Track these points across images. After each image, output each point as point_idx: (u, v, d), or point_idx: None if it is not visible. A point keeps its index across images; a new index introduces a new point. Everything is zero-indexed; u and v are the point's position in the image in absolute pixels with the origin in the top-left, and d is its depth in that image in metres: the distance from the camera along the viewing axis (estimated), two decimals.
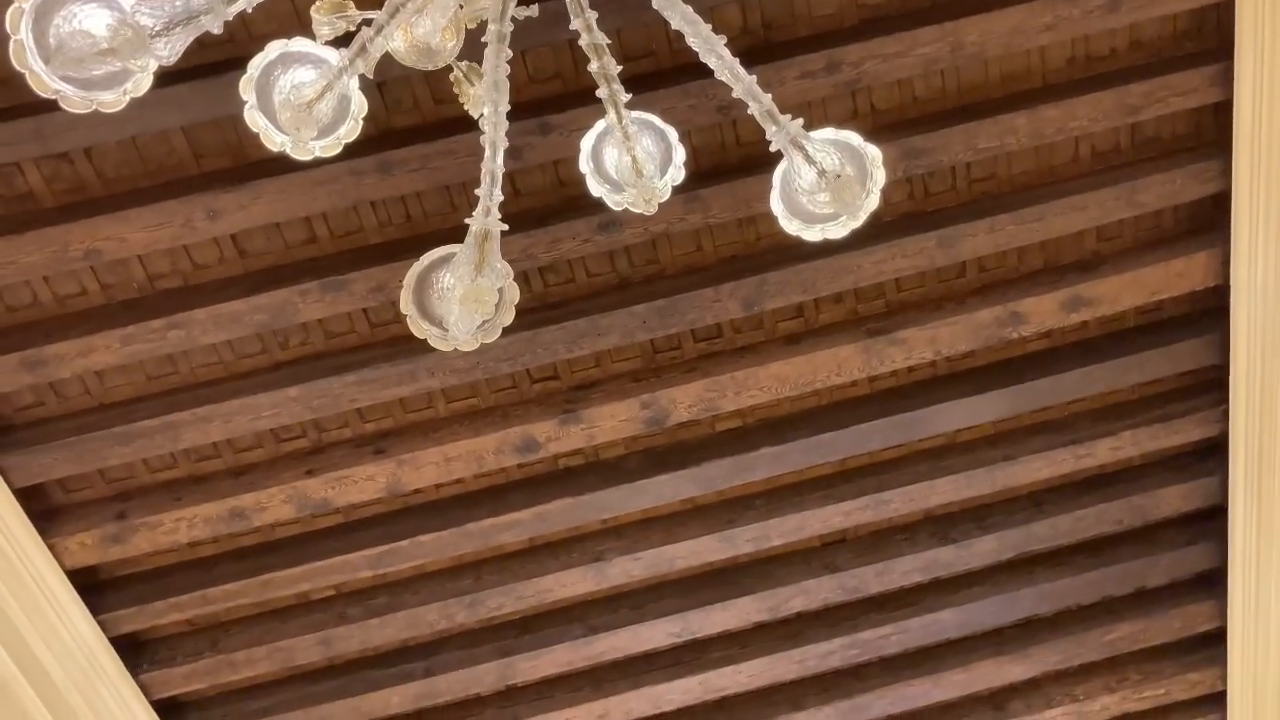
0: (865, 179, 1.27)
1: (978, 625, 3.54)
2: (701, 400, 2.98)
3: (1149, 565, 3.46)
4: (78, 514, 3.00)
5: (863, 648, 3.53)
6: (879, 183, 1.27)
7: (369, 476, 2.98)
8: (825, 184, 1.26)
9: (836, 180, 1.25)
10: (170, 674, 3.24)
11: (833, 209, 1.29)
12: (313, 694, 3.38)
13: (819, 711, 3.63)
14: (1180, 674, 3.72)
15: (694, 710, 3.66)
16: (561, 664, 3.43)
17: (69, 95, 1.14)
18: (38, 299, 2.69)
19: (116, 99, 1.16)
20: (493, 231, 1.29)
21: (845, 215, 1.29)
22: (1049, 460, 3.23)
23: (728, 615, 3.41)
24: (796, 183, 1.29)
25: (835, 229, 1.31)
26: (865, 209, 1.29)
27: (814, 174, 1.26)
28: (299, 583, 3.14)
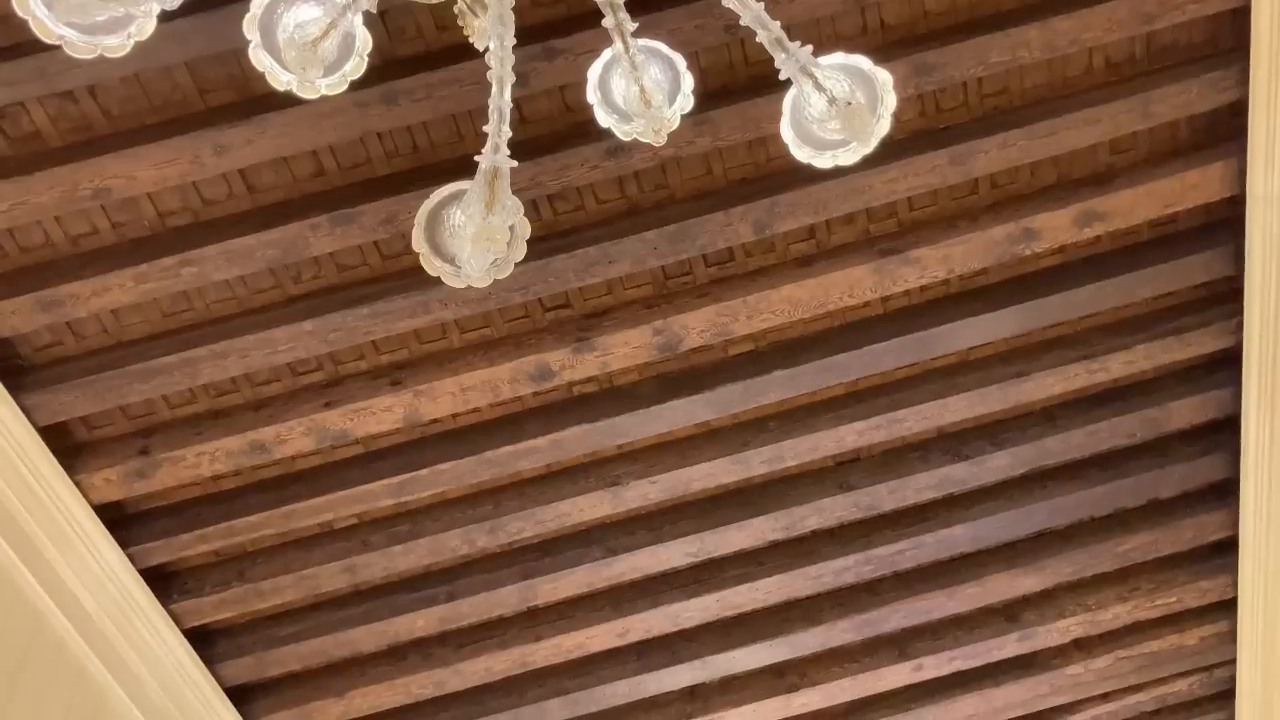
0: (876, 105, 1.25)
1: (991, 539, 3.59)
2: (714, 325, 2.98)
3: (1161, 477, 3.49)
4: (101, 450, 3.04)
5: (877, 563, 3.58)
6: (890, 108, 1.26)
7: (386, 408, 3.01)
8: (836, 111, 1.25)
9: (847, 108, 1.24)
10: (200, 603, 3.32)
11: (844, 135, 1.28)
12: (339, 619, 3.46)
13: (834, 626, 3.70)
14: (1191, 582, 3.78)
15: (712, 627, 3.74)
16: (581, 585, 3.49)
17: (73, 41, 1.13)
18: (50, 239, 2.70)
19: (121, 44, 1.15)
20: (502, 169, 1.29)
21: (856, 142, 1.28)
22: (1062, 375, 3.24)
23: (743, 535, 3.46)
24: (807, 110, 1.27)
25: (847, 155, 1.30)
26: (876, 135, 1.28)
27: (824, 101, 1.25)
28: (321, 512, 3.19)
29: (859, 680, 3.85)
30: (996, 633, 3.81)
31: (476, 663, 3.58)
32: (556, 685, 3.72)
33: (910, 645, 3.83)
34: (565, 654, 3.63)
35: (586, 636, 3.60)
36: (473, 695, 3.74)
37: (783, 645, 3.72)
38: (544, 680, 3.73)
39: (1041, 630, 3.80)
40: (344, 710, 3.62)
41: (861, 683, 3.86)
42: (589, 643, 3.62)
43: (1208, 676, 4.08)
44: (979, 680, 3.95)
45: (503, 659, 3.59)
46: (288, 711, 3.58)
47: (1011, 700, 3.98)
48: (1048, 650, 3.95)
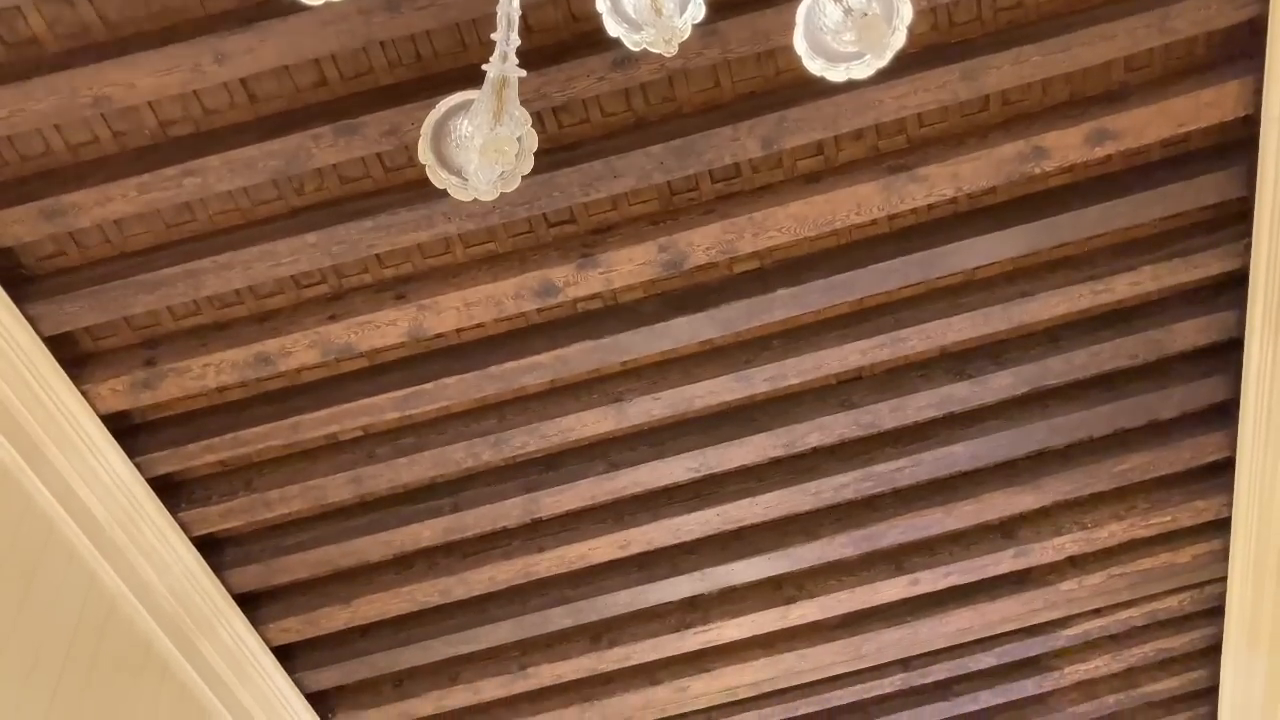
0: (891, 16, 1.23)
1: (990, 458, 3.62)
2: (719, 242, 2.97)
3: (1162, 398, 3.51)
4: (107, 361, 3.05)
5: (876, 480, 3.62)
6: (906, 20, 1.23)
7: (391, 321, 3.02)
8: (851, 22, 1.22)
9: (863, 19, 1.21)
10: (207, 512, 3.36)
11: (858, 48, 1.26)
12: (345, 529, 3.51)
13: (832, 541, 3.75)
14: (1186, 502, 3.82)
15: (712, 540, 3.79)
16: (584, 498, 3.54)
17: None
18: (50, 148, 2.67)
19: None
20: (510, 78, 1.27)
21: (870, 54, 1.25)
22: (1067, 296, 3.23)
23: (744, 451, 3.49)
24: (821, 21, 1.25)
25: (860, 69, 1.28)
26: (891, 48, 1.26)
27: (840, 12, 1.22)
28: (327, 424, 3.22)
29: (855, 593, 3.92)
30: (992, 549, 3.86)
31: (481, 572, 3.65)
32: (559, 594, 3.79)
33: (907, 560, 3.89)
34: (568, 564, 3.69)
35: (589, 548, 3.65)
36: (477, 603, 3.82)
37: (781, 559, 3.78)
38: (547, 589, 3.80)
39: (1037, 547, 3.86)
40: (351, 617, 3.70)
41: (858, 596, 3.93)
42: (591, 554, 3.67)
43: (1199, 593, 4.16)
44: (973, 595, 4.02)
45: (506, 569, 3.65)
46: (296, 618, 3.66)
47: (1005, 614, 4.06)
48: (1042, 567, 4.02)
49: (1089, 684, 4.52)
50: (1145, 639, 4.34)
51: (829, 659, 4.13)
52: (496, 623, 3.79)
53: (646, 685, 4.11)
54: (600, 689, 4.13)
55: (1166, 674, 4.50)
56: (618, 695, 4.11)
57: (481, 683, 3.96)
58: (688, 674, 4.10)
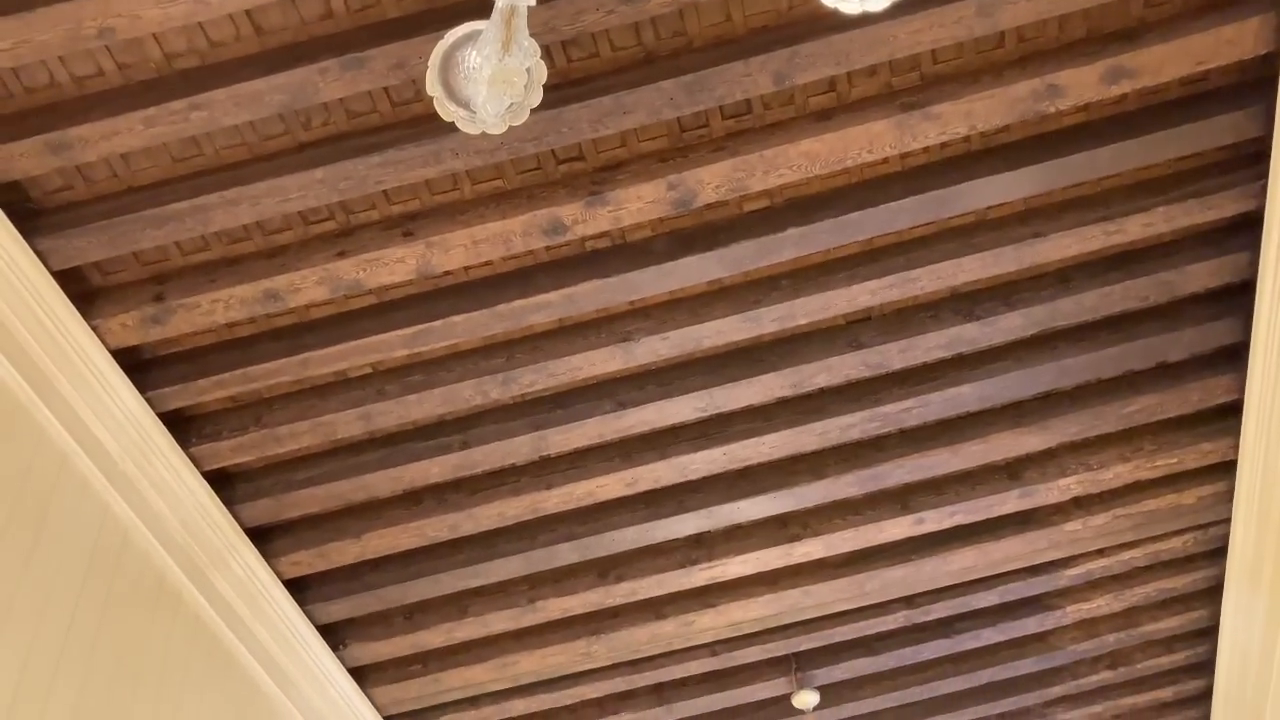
0: None
1: (998, 399, 3.62)
2: (729, 180, 2.94)
3: (1172, 340, 3.49)
4: (116, 296, 3.06)
5: (883, 420, 3.63)
6: None
7: (399, 259, 3.01)
8: None
9: None
10: (218, 447, 3.39)
11: None
12: (355, 465, 3.54)
13: (838, 480, 3.77)
14: (1193, 444, 3.83)
15: (718, 479, 3.82)
16: (592, 436, 3.56)
17: None
18: (55, 80, 2.65)
19: None
20: (519, 7, 1.25)
21: None
22: (1079, 237, 3.21)
23: (752, 391, 3.50)
24: None
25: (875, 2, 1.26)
26: None
27: None
28: (336, 361, 3.23)
29: (860, 532, 3.95)
30: (998, 489, 3.88)
31: (489, 508, 3.68)
32: (567, 531, 3.83)
33: (912, 499, 3.92)
34: (576, 501, 3.73)
35: (596, 485, 3.68)
36: (486, 539, 3.86)
37: (787, 497, 3.80)
38: (555, 526, 3.84)
39: (1042, 488, 3.88)
40: (360, 551, 3.74)
41: (863, 534, 3.96)
42: (599, 491, 3.70)
43: (1202, 534, 4.18)
44: (978, 534, 4.05)
45: (515, 505, 3.68)
46: (306, 552, 3.71)
47: (1009, 554, 4.09)
48: (1047, 507, 4.04)
49: (1090, 623, 4.57)
50: (1147, 579, 4.38)
51: (832, 596, 4.18)
52: (505, 558, 3.84)
53: (652, 620, 4.16)
54: (607, 623, 4.19)
55: (1167, 613, 4.54)
56: (624, 629, 4.17)
57: (490, 616, 4.02)
58: (693, 609, 4.16)
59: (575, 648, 4.21)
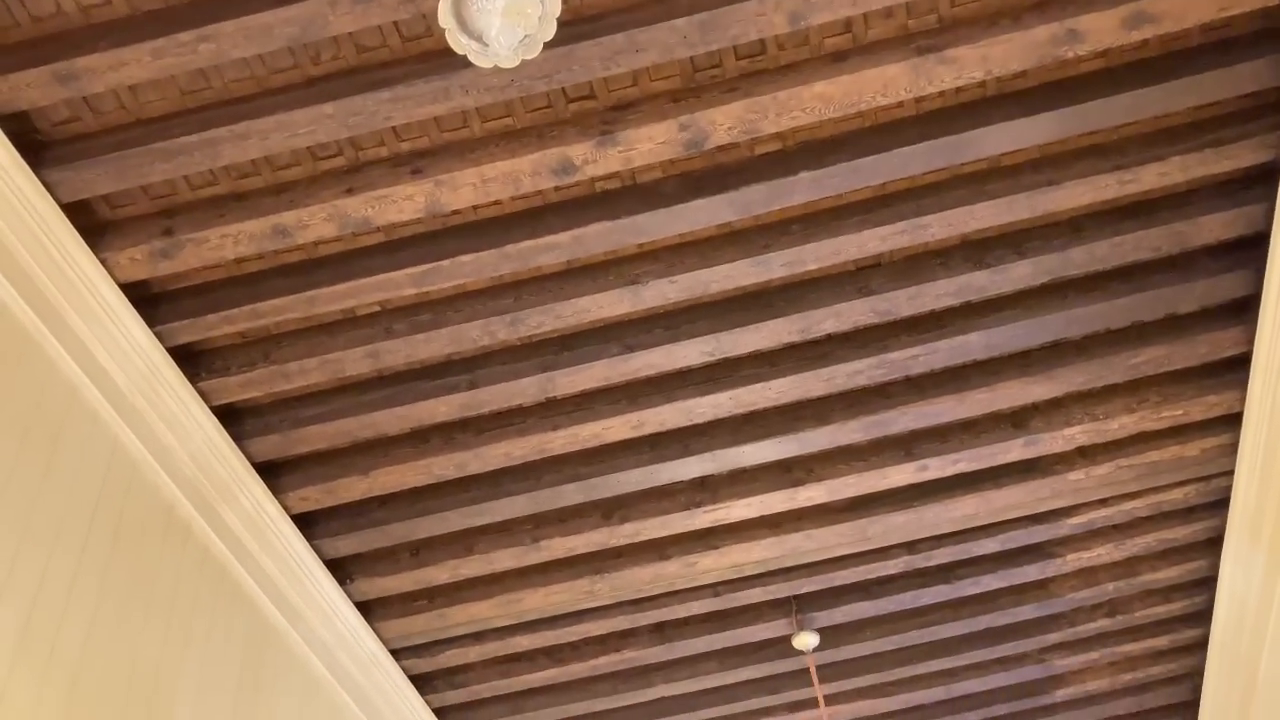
0: None
1: (1005, 347, 3.62)
2: (742, 122, 2.91)
3: (1183, 292, 3.48)
4: (125, 230, 3.05)
5: (890, 367, 3.63)
6: None
7: (407, 196, 3.00)
8: None
9: None
10: (226, 382, 3.40)
11: None
12: (363, 403, 3.55)
13: (843, 426, 3.78)
14: (1199, 396, 3.82)
15: (723, 423, 3.83)
16: (599, 379, 3.56)
17: None
18: (61, 9, 2.62)
19: None
20: None
21: None
22: (1092, 186, 3.18)
23: (759, 336, 3.49)
24: None
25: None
26: None
27: None
28: (345, 299, 3.23)
29: (864, 478, 3.97)
30: (1002, 438, 3.89)
31: (496, 448, 3.70)
32: (572, 472, 3.85)
33: (917, 446, 3.93)
34: (582, 443, 3.74)
35: (602, 427, 3.70)
36: (492, 478, 3.89)
37: (792, 442, 3.82)
38: (561, 467, 3.87)
39: (1047, 437, 3.88)
40: (369, 487, 3.77)
41: (866, 480, 3.98)
42: (605, 433, 3.72)
43: (1204, 486, 4.20)
44: (981, 482, 4.07)
45: (521, 445, 3.70)
46: (314, 487, 3.74)
47: (1011, 502, 4.11)
48: (1051, 456, 4.06)
49: (1090, 571, 4.61)
50: (1148, 529, 4.40)
51: (834, 540, 4.21)
52: (511, 497, 3.87)
53: (655, 560, 4.20)
54: (610, 562, 4.23)
55: (1167, 563, 4.57)
56: (627, 569, 4.22)
57: (496, 554, 4.07)
58: (696, 550, 4.20)
59: (579, 586, 4.26)
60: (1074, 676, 5.14)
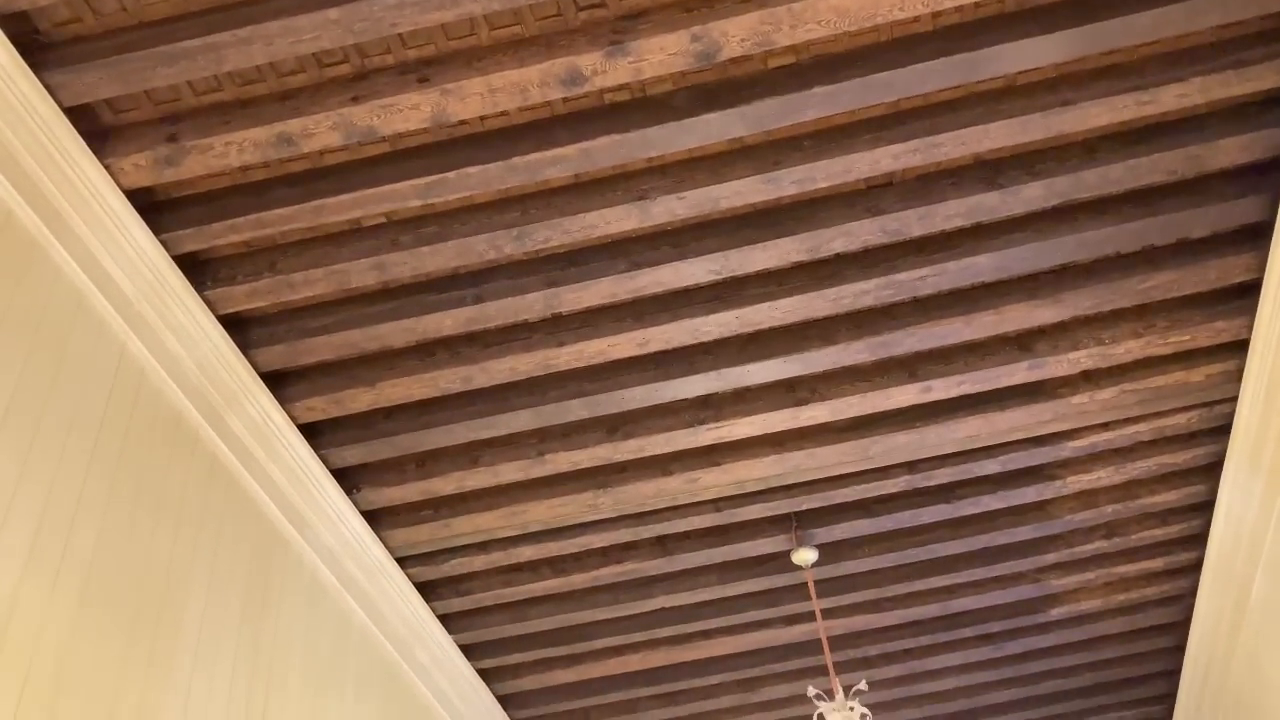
0: None
1: (1014, 269, 3.60)
2: (755, 33, 2.85)
3: (1195, 216, 3.44)
4: (128, 135, 3.02)
5: (898, 288, 3.62)
6: None
7: (414, 105, 2.95)
8: None
9: None
10: (232, 291, 3.40)
11: None
12: (369, 315, 3.56)
13: (849, 346, 3.78)
14: (1207, 322, 3.81)
15: (729, 342, 3.84)
16: (605, 296, 3.55)
17: None
18: None
19: None
20: None
21: None
22: (1109, 106, 3.13)
23: (767, 255, 3.47)
24: None
25: None
26: None
27: None
28: (350, 209, 3.20)
29: (868, 398, 3.98)
30: (1007, 360, 3.89)
31: (502, 362, 3.71)
32: (577, 388, 3.87)
33: (921, 368, 3.93)
34: (587, 359, 3.75)
35: (608, 344, 3.70)
36: (498, 392, 3.91)
37: (796, 362, 3.82)
38: (566, 383, 3.88)
39: (1052, 360, 3.89)
40: (375, 399, 3.79)
41: (870, 400, 3.99)
42: (610, 350, 3.72)
43: (1208, 411, 4.21)
44: (984, 404, 4.08)
45: (527, 360, 3.71)
46: (321, 398, 3.76)
47: (1014, 424, 4.13)
48: (1056, 380, 4.06)
49: (1089, 494, 4.65)
50: (1149, 454, 4.43)
51: (836, 459, 4.24)
52: (516, 411, 3.89)
53: (659, 476, 4.25)
54: (614, 477, 4.28)
55: (1166, 487, 4.61)
56: (631, 484, 4.26)
57: (501, 466, 4.11)
58: (699, 467, 4.23)
59: (582, 499, 4.31)
60: (1069, 596, 5.22)
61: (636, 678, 5.46)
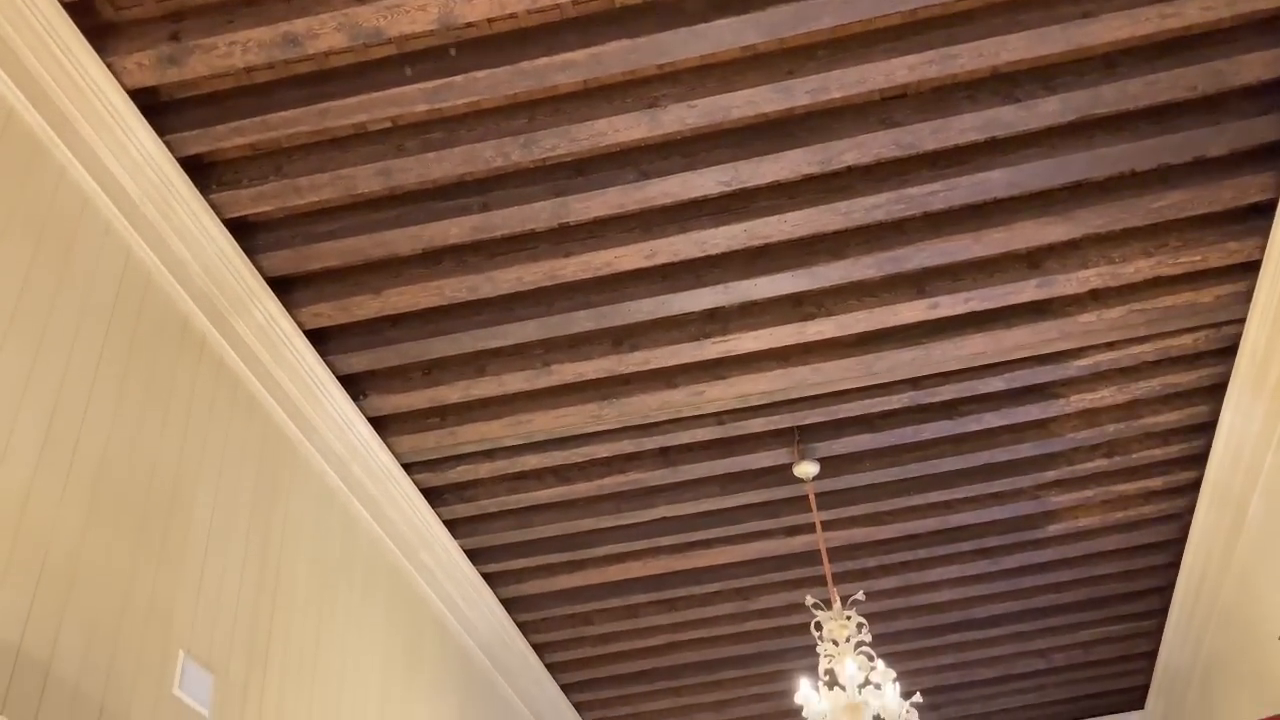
0: None
1: (1027, 186, 3.56)
2: None
3: (1214, 134, 3.39)
4: (131, 33, 2.97)
5: (909, 203, 3.58)
6: None
7: (420, 6, 2.89)
8: None
9: None
10: (238, 195, 3.37)
11: None
12: (375, 221, 3.53)
13: (858, 261, 3.76)
14: (1219, 242, 3.78)
15: (737, 255, 3.82)
16: (613, 206, 3.52)
17: None
18: None
19: None
20: None
21: None
22: (1132, 19, 3.06)
23: (778, 166, 3.44)
24: None
25: None
26: None
27: None
28: (356, 113, 3.16)
29: (874, 314, 3.97)
30: (1016, 278, 3.88)
31: (508, 272, 3.70)
32: (584, 299, 3.86)
33: (929, 284, 3.92)
34: (594, 270, 3.74)
35: (615, 255, 3.68)
36: (504, 302, 3.91)
37: (804, 276, 3.81)
38: (572, 293, 3.87)
39: (1061, 279, 3.87)
40: (381, 306, 3.79)
41: (877, 316, 3.99)
42: (617, 261, 3.71)
43: (1214, 332, 4.20)
44: (991, 321, 4.08)
45: (534, 270, 3.70)
46: (327, 304, 3.76)
47: (1020, 342, 4.13)
48: (1064, 298, 4.05)
49: (1092, 413, 4.67)
50: (1154, 374, 4.43)
51: (840, 374, 4.25)
52: (522, 321, 3.89)
53: (663, 388, 4.26)
54: (619, 389, 4.29)
55: (1169, 408, 4.63)
56: (636, 396, 4.28)
57: (507, 376, 4.12)
58: (703, 380, 4.25)
59: (587, 410, 4.33)
60: (1067, 513, 5.28)
61: (637, 584, 5.56)
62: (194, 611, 3.11)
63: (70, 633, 2.59)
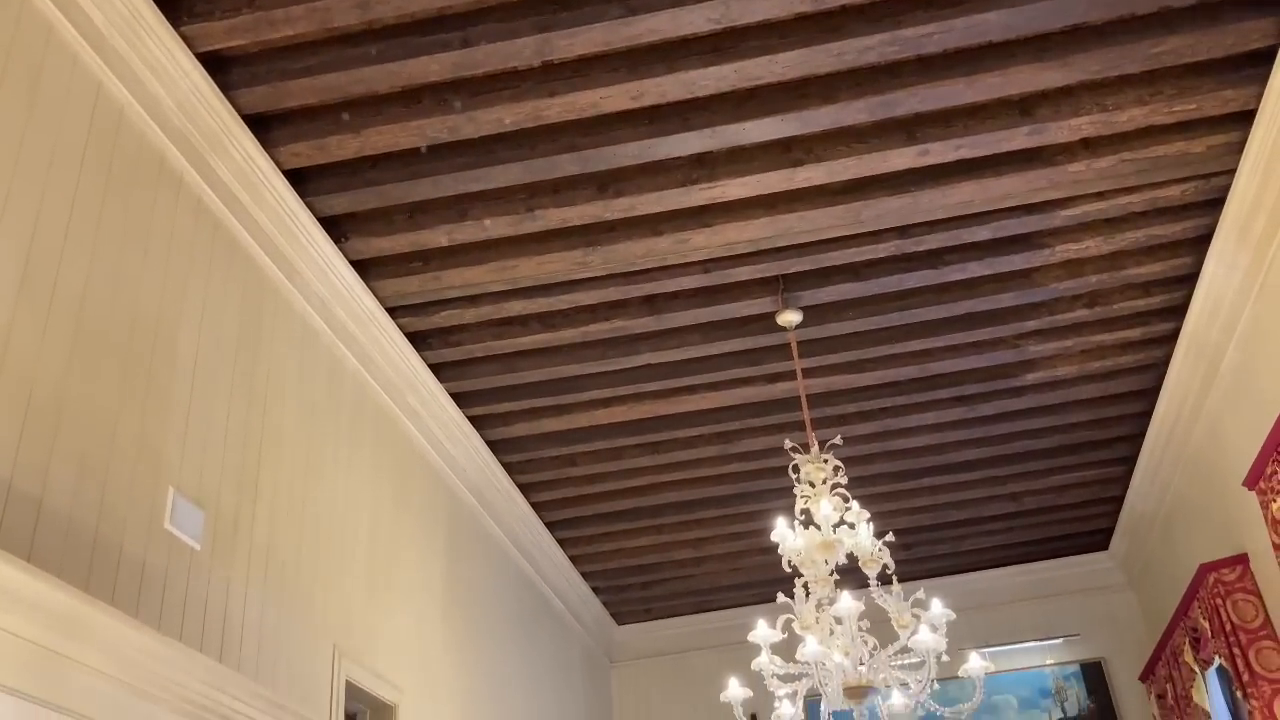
0: None
1: (1023, 29, 3.46)
2: None
3: None
4: None
5: (902, 45, 3.49)
6: None
7: None
8: None
9: None
10: (210, 27, 3.26)
11: None
12: (352, 57, 3.43)
13: (849, 105, 3.69)
14: (1216, 90, 3.72)
15: (726, 98, 3.73)
16: (599, 44, 3.42)
17: None
18: None
19: None
20: None
21: None
22: None
23: (770, 4, 3.33)
24: None
25: None
26: None
27: None
28: None
29: (864, 160, 3.92)
30: (1007, 125, 3.81)
31: (490, 112, 3.61)
32: (568, 141, 3.79)
33: (920, 130, 3.85)
34: (578, 112, 3.66)
35: (600, 96, 3.59)
36: (485, 144, 3.83)
37: (794, 121, 3.74)
38: (556, 136, 3.79)
39: (1053, 126, 3.81)
40: (360, 146, 3.72)
41: (866, 162, 3.93)
42: (602, 103, 3.62)
43: (1204, 183, 4.17)
44: (981, 169, 4.03)
45: (516, 111, 3.62)
46: (305, 143, 3.68)
47: (1009, 190, 4.09)
48: (1055, 146, 4.00)
49: (1076, 263, 4.67)
50: (1140, 225, 4.42)
51: (827, 222, 4.22)
52: (505, 164, 3.83)
53: (649, 235, 4.23)
54: (604, 235, 4.26)
55: (1152, 259, 4.64)
56: (621, 243, 4.25)
57: (490, 220, 4.08)
58: (689, 227, 4.22)
59: (572, 256, 4.31)
60: (1045, 362, 5.35)
61: (621, 428, 5.65)
62: (182, 450, 3.15)
63: (60, 469, 2.62)
